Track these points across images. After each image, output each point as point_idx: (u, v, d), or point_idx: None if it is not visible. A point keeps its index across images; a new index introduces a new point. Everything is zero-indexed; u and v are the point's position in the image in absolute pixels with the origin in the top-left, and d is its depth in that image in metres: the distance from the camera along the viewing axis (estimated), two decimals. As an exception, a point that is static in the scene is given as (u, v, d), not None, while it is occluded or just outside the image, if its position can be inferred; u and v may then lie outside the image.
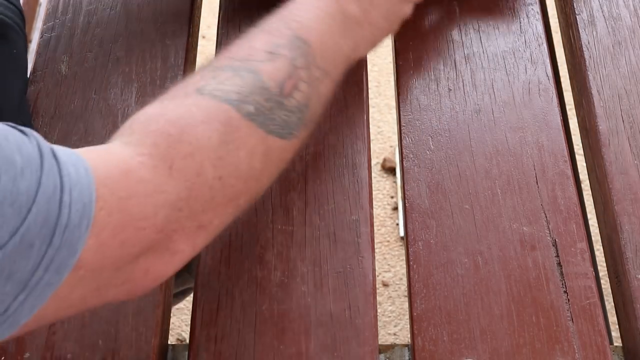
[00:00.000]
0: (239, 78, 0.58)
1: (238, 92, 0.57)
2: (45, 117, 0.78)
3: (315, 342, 0.65)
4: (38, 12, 1.23)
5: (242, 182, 0.57)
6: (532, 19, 0.84)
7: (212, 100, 0.56)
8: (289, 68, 0.60)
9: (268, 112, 0.58)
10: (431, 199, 0.72)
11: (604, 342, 0.64)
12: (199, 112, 0.55)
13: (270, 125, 0.58)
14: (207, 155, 0.54)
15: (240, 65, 0.59)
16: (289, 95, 0.60)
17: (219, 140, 0.55)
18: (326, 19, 0.66)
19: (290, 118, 0.60)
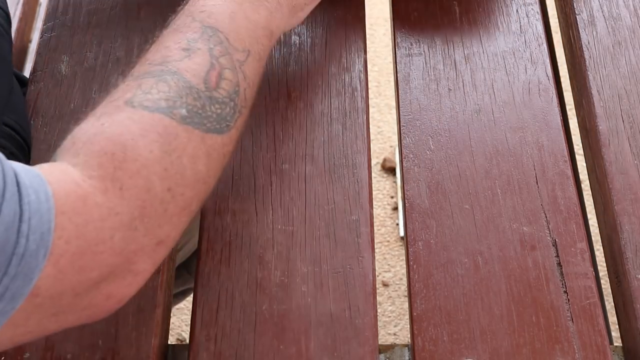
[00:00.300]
0: (163, 83, 0.57)
1: (166, 98, 0.56)
2: (45, 117, 0.78)
3: (315, 342, 0.65)
4: (38, 12, 1.23)
5: (190, 188, 0.56)
6: (532, 19, 0.84)
7: (144, 111, 0.55)
8: (208, 60, 0.59)
9: (201, 110, 0.57)
10: (431, 199, 0.72)
11: (604, 342, 0.64)
12: (135, 126, 0.54)
13: (207, 124, 0.57)
14: (153, 170, 0.53)
15: (161, 69, 0.58)
16: (216, 87, 0.59)
17: (160, 151, 0.54)
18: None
19: (223, 110, 0.59)
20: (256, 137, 0.71)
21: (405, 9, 0.85)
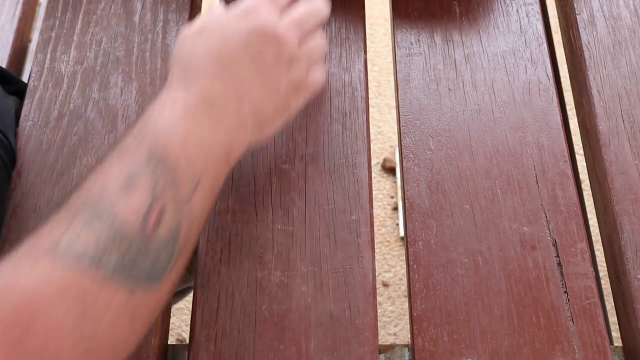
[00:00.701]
0: (93, 230, 0.51)
1: (95, 247, 0.50)
2: (45, 117, 0.78)
3: (315, 342, 0.65)
4: (38, 11, 1.23)
5: (109, 350, 0.50)
6: (532, 19, 0.84)
7: (65, 265, 0.49)
8: (149, 197, 0.53)
9: (131, 262, 0.51)
10: (431, 199, 0.72)
11: (604, 342, 0.64)
12: (53, 285, 0.49)
13: (137, 277, 0.52)
14: (65, 339, 0.48)
15: (94, 209, 0.52)
16: (154, 229, 0.53)
17: (76, 317, 0.48)
18: (187, 116, 0.58)
19: (159, 257, 0.53)
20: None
21: (405, 9, 0.85)
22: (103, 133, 0.77)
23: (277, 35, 0.64)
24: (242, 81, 0.62)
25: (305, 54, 0.67)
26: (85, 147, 0.76)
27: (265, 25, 0.63)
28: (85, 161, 0.75)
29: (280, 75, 0.65)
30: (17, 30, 1.15)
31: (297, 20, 0.66)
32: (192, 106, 0.59)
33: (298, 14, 0.67)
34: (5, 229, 0.71)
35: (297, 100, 0.68)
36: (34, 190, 0.73)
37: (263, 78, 0.63)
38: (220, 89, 0.61)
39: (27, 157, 0.75)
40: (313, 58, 0.68)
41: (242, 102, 0.62)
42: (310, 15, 0.68)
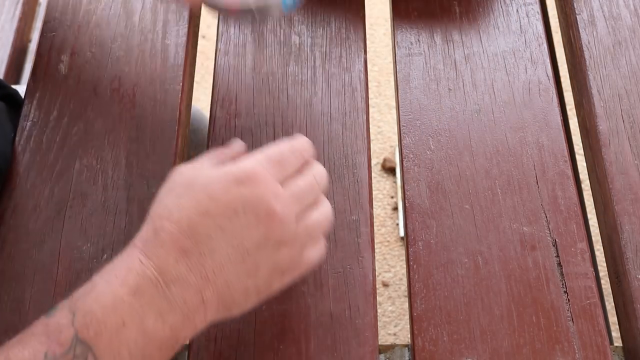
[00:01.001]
0: None
1: None
2: (45, 117, 0.78)
3: (315, 342, 0.65)
4: (38, 12, 1.23)
5: None
6: (532, 19, 0.84)
7: None
8: None
9: None
10: (431, 199, 0.72)
11: (604, 342, 0.64)
12: None
13: None
14: None
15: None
16: None
17: None
18: (133, 299, 0.52)
19: None
20: (256, 137, 0.71)
21: (405, 9, 0.85)
22: (103, 133, 0.77)
23: (272, 215, 0.55)
24: (214, 261, 0.54)
25: (302, 234, 0.58)
26: (85, 147, 0.76)
27: (261, 200, 0.55)
28: (86, 161, 0.75)
29: (263, 259, 0.56)
30: (17, 30, 1.15)
31: (299, 194, 0.58)
32: (144, 285, 0.53)
33: (303, 184, 0.59)
34: (5, 229, 0.71)
35: (281, 281, 0.59)
36: (34, 190, 0.73)
37: (241, 259, 0.55)
38: (184, 270, 0.54)
39: (27, 157, 0.75)
40: (311, 236, 0.60)
41: (207, 287, 0.54)
42: (315, 185, 0.60)
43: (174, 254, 0.54)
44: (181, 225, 0.54)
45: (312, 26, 0.83)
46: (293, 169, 0.59)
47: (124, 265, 0.54)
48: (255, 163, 0.57)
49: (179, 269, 0.54)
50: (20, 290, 0.68)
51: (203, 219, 0.54)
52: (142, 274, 0.53)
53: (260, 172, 0.56)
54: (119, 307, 0.52)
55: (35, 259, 0.69)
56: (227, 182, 0.55)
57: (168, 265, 0.53)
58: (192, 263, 0.54)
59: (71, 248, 0.70)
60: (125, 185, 0.73)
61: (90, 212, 0.72)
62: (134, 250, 0.55)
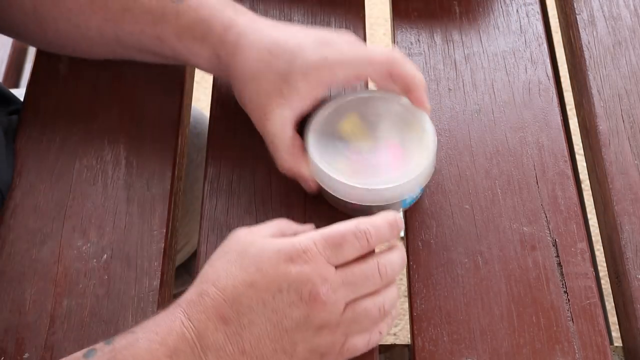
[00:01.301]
0: None
1: None
2: (45, 117, 0.78)
3: (315, 342, 0.65)
4: (38, 12, 1.23)
5: None
6: (532, 19, 0.84)
7: None
8: None
9: None
10: (431, 199, 0.72)
11: (604, 342, 0.64)
12: None
13: None
14: None
15: None
16: None
17: None
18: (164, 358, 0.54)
19: None
20: (256, 137, 0.71)
21: (405, 9, 0.85)
22: (103, 133, 0.76)
23: (315, 297, 0.55)
24: (252, 334, 0.55)
25: (348, 321, 0.57)
26: (85, 147, 0.76)
27: (307, 281, 0.55)
28: (86, 161, 0.75)
29: (301, 339, 0.56)
30: (17, 30, 1.14)
31: (353, 280, 0.57)
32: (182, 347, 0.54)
33: (359, 271, 0.57)
34: (5, 229, 0.71)
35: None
36: (34, 190, 0.73)
37: (279, 336, 0.55)
38: (222, 338, 0.54)
39: (27, 157, 0.75)
40: (359, 324, 0.58)
41: (242, 358, 0.55)
42: (376, 274, 0.58)
43: (214, 321, 0.54)
44: (226, 293, 0.55)
45: (311, 26, 0.83)
46: (354, 254, 0.57)
47: (166, 324, 0.55)
48: (310, 242, 0.56)
49: (217, 337, 0.54)
50: (20, 290, 0.68)
51: (248, 290, 0.55)
52: (181, 335, 0.54)
53: (312, 250, 0.56)
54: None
55: (35, 259, 0.69)
56: (278, 257, 0.56)
57: (207, 331, 0.54)
58: (230, 333, 0.55)
59: (71, 248, 0.70)
60: (125, 185, 0.73)
61: (90, 212, 0.72)
62: (177, 309, 0.56)
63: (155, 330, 0.55)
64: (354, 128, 0.69)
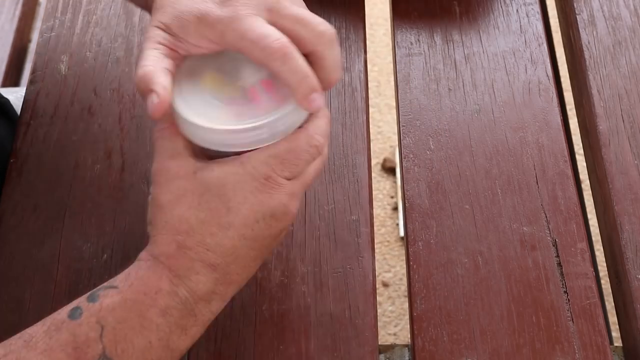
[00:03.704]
0: None
1: None
2: (45, 117, 0.78)
3: (315, 342, 0.65)
4: (38, 11, 1.23)
5: None
6: (532, 18, 0.84)
7: None
8: None
9: None
10: (431, 199, 0.72)
11: (604, 342, 0.64)
12: None
13: None
14: None
15: None
16: None
17: None
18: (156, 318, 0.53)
19: None
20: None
21: (405, 9, 0.85)
22: (103, 133, 0.77)
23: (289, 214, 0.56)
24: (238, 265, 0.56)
25: None
26: (85, 147, 0.76)
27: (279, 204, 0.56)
28: (85, 161, 0.75)
29: (275, 242, 0.58)
30: (17, 30, 1.15)
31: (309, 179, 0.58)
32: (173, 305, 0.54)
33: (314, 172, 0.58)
34: (5, 229, 0.71)
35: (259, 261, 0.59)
36: (34, 190, 0.73)
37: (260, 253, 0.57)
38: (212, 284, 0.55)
39: (27, 157, 0.75)
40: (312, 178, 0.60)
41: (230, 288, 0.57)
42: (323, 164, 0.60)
43: (204, 272, 0.55)
44: (206, 242, 0.55)
45: (312, 26, 0.83)
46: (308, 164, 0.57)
47: (152, 282, 0.54)
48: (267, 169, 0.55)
49: (208, 285, 0.55)
50: (20, 290, 0.68)
51: (227, 233, 0.55)
52: (172, 294, 0.54)
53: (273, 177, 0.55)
54: (147, 328, 0.53)
55: (35, 259, 0.69)
56: (243, 191, 0.55)
57: (199, 284, 0.55)
58: (219, 275, 0.55)
59: (71, 248, 0.70)
60: (125, 185, 0.73)
61: (90, 212, 0.72)
62: (160, 267, 0.55)
63: (142, 290, 0.54)
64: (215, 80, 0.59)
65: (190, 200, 0.55)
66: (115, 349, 0.52)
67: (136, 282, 0.55)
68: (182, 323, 0.55)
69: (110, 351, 0.52)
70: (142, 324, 0.53)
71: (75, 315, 0.53)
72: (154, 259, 0.56)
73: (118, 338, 0.52)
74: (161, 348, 0.54)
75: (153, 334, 0.53)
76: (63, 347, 0.52)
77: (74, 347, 0.52)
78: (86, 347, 0.52)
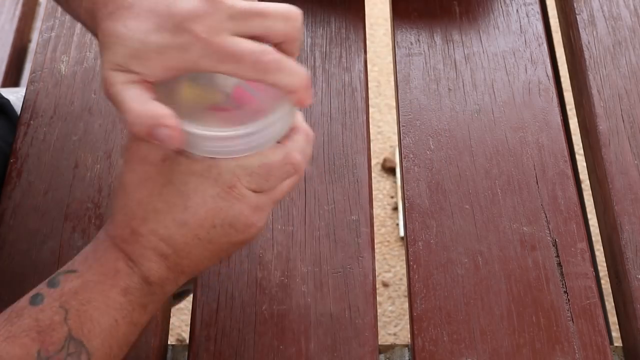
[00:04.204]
0: None
1: None
2: (45, 117, 0.78)
3: (315, 342, 0.65)
4: (38, 11, 1.23)
5: None
6: (532, 19, 0.84)
7: None
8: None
9: None
10: (431, 199, 0.72)
11: (604, 342, 0.64)
12: None
13: None
14: None
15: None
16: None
17: None
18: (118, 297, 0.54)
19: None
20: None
21: (405, 9, 0.85)
22: (103, 133, 0.77)
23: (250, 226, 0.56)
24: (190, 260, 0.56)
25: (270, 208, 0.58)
26: (85, 147, 0.76)
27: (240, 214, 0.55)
28: (85, 161, 0.75)
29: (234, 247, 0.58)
30: (17, 30, 1.15)
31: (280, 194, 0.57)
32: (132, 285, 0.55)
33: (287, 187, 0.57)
34: (5, 229, 0.71)
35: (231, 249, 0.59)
36: (34, 190, 0.73)
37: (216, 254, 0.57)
38: (164, 271, 0.55)
39: (27, 157, 0.75)
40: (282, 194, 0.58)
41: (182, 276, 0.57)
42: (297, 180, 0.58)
43: (155, 260, 0.55)
44: (159, 233, 0.55)
45: (311, 26, 0.83)
46: (280, 182, 0.56)
47: (109, 263, 0.55)
48: (233, 178, 0.54)
49: (160, 272, 0.55)
50: (20, 290, 0.68)
51: (180, 229, 0.55)
52: (129, 275, 0.55)
53: (237, 187, 0.54)
54: (111, 307, 0.54)
55: (35, 259, 0.69)
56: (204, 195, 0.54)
57: (151, 270, 0.55)
58: (171, 264, 0.55)
59: (71, 248, 0.70)
60: (125, 185, 0.73)
61: (90, 212, 0.72)
62: (115, 249, 0.55)
63: (101, 271, 0.55)
64: (194, 92, 0.57)
65: (152, 187, 0.55)
66: (81, 330, 0.52)
67: (95, 264, 0.55)
68: (141, 301, 0.55)
69: (76, 332, 0.52)
70: (106, 303, 0.54)
71: (37, 301, 0.53)
72: (111, 240, 0.56)
73: (83, 319, 0.53)
74: (126, 325, 0.54)
75: (118, 312, 0.54)
76: (27, 332, 0.52)
77: (38, 331, 0.52)
78: (51, 330, 0.52)
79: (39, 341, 0.51)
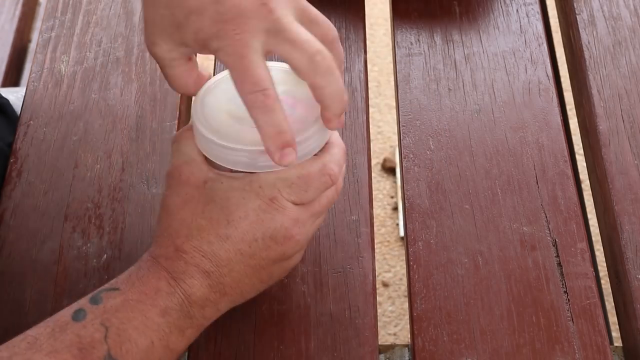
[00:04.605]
0: None
1: None
2: (45, 117, 0.78)
3: (315, 342, 0.65)
4: (38, 11, 1.23)
5: None
6: (532, 19, 0.84)
7: None
8: None
9: None
10: (431, 199, 0.72)
11: (604, 342, 0.64)
12: None
13: None
14: None
15: None
16: None
17: None
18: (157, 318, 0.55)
19: None
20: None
21: (405, 9, 0.85)
22: (103, 133, 0.77)
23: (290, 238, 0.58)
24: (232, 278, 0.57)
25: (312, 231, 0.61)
26: (85, 147, 0.76)
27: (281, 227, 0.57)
28: (85, 161, 0.75)
29: (277, 269, 0.60)
30: (17, 30, 1.15)
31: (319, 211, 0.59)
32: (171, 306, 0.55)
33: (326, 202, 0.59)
34: (5, 229, 0.71)
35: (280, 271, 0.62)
36: (34, 190, 0.73)
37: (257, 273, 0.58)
38: (206, 290, 0.56)
39: (27, 157, 0.75)
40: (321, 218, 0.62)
41: (224, 299, 0.58)
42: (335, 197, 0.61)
43: (198, 277, 0.56)
44: (203, 249, 0.56)
45: (312, 26, 0.83)
46: (318, 194, 0.58)
47: (152, 283, 0.56)
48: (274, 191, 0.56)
49: (202, 291, 0.56)
50: (20, 290, 0.68)
51: (224, 245, 0.56)
52: (170, 294, 0.56)
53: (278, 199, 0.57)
54: (149, 328, 0.54)
55: (35, 259, 0.69)
56: (246, 208, 0.57)
57: (193, 288, 0.56)
58: (213, 282, 0.57)
59: (71, 248, 0.70)
60: (125, 185, 0.73)
61: (90, 212, 0.72)
62: (158, 268, 0.56)
63: (142, 290, 0.55)
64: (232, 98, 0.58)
65: (195, 207, 0.57)
66: (119, 350, 0.53)
67: (137, 282, 0.56)
68: (179, 324, 0.56)
69: (115, 352, 0.53)
70: (145, 323, 0.54)
71: (79, 317, 0.54)
72: (154, 259, 0.57)
73: (122, 339, 0.53)
74: (162, 348, 0.55)
75: (155, 334, 0.54)
76: (69, 349, 0.52)
77: (79, 348, 0.52)
78: (91, 348, 0.53)
79: (80, 358, 0.52)
